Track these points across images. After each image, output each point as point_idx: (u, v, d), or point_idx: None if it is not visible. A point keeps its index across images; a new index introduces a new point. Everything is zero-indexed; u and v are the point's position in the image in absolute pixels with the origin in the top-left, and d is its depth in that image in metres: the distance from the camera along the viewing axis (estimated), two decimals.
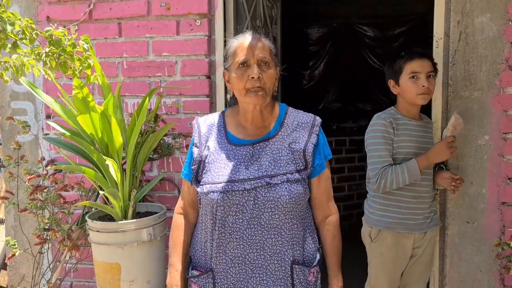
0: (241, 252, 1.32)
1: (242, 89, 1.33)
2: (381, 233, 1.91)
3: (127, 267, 1.87)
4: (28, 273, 2.44)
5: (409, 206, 1.88)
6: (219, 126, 1.42)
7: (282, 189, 1.30)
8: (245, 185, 1.30)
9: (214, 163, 1.35)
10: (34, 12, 2.40)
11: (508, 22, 1.95)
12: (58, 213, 2.20)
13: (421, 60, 1.84)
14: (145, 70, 2.30)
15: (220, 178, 1.32)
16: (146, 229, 1.90)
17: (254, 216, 1.30)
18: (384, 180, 1.81)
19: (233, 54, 1.36)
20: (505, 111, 1.98)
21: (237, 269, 1.33)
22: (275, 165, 1.33)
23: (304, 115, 1.44)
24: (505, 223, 2.01)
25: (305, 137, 1.38)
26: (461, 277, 2.08)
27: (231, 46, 1.37)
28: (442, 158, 1.86)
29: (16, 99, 2.45)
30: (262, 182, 1.30)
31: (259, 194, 1.30)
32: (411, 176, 1.79)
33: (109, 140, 1.89)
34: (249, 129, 1.40)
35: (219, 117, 1.45)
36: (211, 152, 1.37)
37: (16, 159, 2.24)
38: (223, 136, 1.39)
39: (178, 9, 2.24)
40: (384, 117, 1.88)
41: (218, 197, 1.30)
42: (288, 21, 4.67)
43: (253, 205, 1.30)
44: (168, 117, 2.28)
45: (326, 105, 6.28)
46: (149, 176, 2.31)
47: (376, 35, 5.99)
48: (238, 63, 1.33)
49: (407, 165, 1.80)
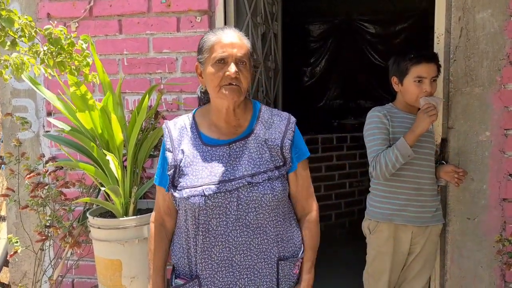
0: (227, 255, 1.29)
1: (216, 86, 1.28)
2: (379, 226, 1.93)
3: (128, 263, 1.88)
4: (29, 270, 2.45)
5: (409, 198, 1.88)
6: (191, 128, 1.36)
7: (265, 187, 1.28)
8: (227, 187, 1.26)
9: (190, 166, 1.30)
10: (34, 9, 2.40)
11: (509, 18, 1.94)
12: (59, 210, 2.21)
13: (428, 65, 1.84)
14: (145, 67, 2.30)
15: (199, 181, 1.28)
16: (147, 226, 1.90)
17: (239, 217, 1.27)
18: (379, 165, 1.82)
19: (210, 49, 1.29)
20: (506, 107, 1.98)
21: (224, 273, 1.29)
22: (254, 163, 1.30)
23: (279, 112, 1.41)
24: (506, 219, 2.01)
25: (281, 134, 1.35)
26: (462, 273, 2.09)
27: (209, 40, 1.30)
28: (425, 126, 1.80)
29: (17, 96, 2.45)
30: (243, 182, 1.27)
31: (242, 194, 1.27)
32: (402, 152, 1.78)
33: (109, 137, 1.90)
34: (223, 128, 1.35)
35: (189, 118, 1.39)
36: (186, 155, 1.32)
37: (16, 156, 2.24)
38: (196, 138, 1.34)
39: (178, 6, 2.24)
40: (379, 109, 1.94)
41: (199, 201, 1.26)
42: (289, 17, 4.67)
43: (236, 206, 1.27)
44: (169, 114, 2.28)
45: (327, 102, 6.28)
46: (150, 173, 2.31)
47: (378, 32, 5.98)
48: (216, 59, 1.27)
49: (396, 143, 1.81)
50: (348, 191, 4.22)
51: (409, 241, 1.93)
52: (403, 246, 1.94)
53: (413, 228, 1.91)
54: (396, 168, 1.81)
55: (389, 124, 1.88)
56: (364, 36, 6.01)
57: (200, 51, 1.34)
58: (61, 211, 2.22)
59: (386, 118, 1.89)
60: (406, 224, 1.90)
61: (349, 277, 2.67)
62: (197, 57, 1.36)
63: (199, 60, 1.35)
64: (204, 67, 1.32)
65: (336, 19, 6.04)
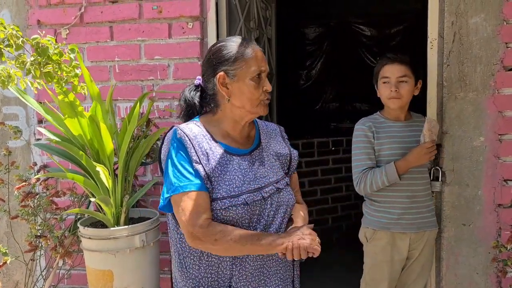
0: (260, 263, 1.29)
1: (256, 99, 1.30)
2: (376, 234, 1.93)
3: (119, 274, 1.86)
4: (21, 280, 2.42)
5: (404, 206, 1.89)
6: (205, 137, 1.31)
7: (287, 192, 1.36)
8: (262, 193, 1.29)
9: (220, 176, 1.26)
10: (24, 16, 2.37)
11: (503, 22, 1.93)
12: (50, 219, 2.18)
13: (391, 66, 1.89)
14: (137, 73, 2.28)
15: (235, 190, 1.25)
16: (139, 235, 1.88)
17: (269, 222, 1.30)
18: (363, 184, 1.89)
19: (246, 62, 1.28)
20: (500, 112, 1.97)
21: (256, 282, 1.30)
22: (272, 171, 1.35)
23: (269, 124, 1.49)
24: (501, 225, 2.00)
25: (283, 143, 1.44)
26: (457, 279, 2.07)
27: (244, 52, 1.29)
28: (421, 162, 1.87)
29: (8, 104, 2.43)
30: (273, 188, 1.32)
31: (273, 200, 1.31)
32: (390, 178, 1.84)
33: (99, 145, 1.87)
34: (238, 138, 1.36)
35: (199, 127, 1.32)
36: (214, 165, 1.27)
37: (6, 165, 2.21)
38: (217, 147, 1.30)
39: (170, 12, 2.22)
40: (363, 122, 1.97)
41: (242, 211, 1.24)
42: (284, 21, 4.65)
43: (268, 211, 1.30)
44: (161, 121, 2.25)
45: (323, 105, 6.26)
46: (142, 180, 2.29)
47: (373, 34, 5.98)
48: (255, 73, 1.29)
49: (386, 168, 1.86)
50: (345, 194, 4.20)
51: (407, 248, 1.92)
52: (401, 253, 1.92)
53: (411, 234, 1.90)
54: (379, 188, 1.87)
55: (373, 136, 1.91)
56: (360, 39, 6.00)
57: (228, 62, 1.29)
58: (52, 220, 2.19)
59: (371, 130, 1.92)
60: (404, 232, 1.89)
61: (346, 281, 2.66)
62: (221, 67, 1.29)
63: (226, 71, 1.29)
64: (237, 79, 1.28)
65: (332, 22, 6.03)
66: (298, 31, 6.07)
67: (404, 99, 1.89)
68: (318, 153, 4.04)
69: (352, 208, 4.21)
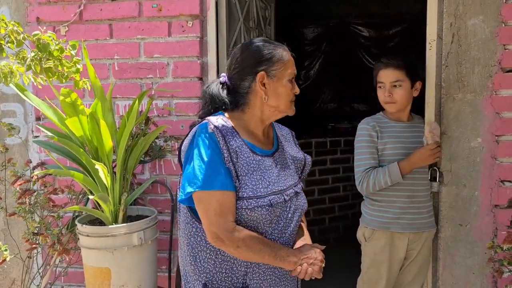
0: None
1: (289, 101, 1.36)
2: (375, 233, 1.93)
3: (117, 271, 1.85)
4: (18, 277, 2.42)
5: (404, 206, 1.90)
6: (232, 134, 1.28)
7: (303, 197, 1.38)
8: (284, 196, 1.30)
9: (248, 175, 1.26)
10: (23, 13, 2.37)
11: (501, 24, 1.94)
12: (47, 217, 2.18)
13: (385, 70, 1.92)
14: (136, 71, 2.28)
15: (261, 191, 1.26)
16: (137, 233, 1.88)
17: (286, 225, 1.31)
18: (366, 183, 1.89)
19: (284, 64, 1.33)
20: (497, 114, 1.98)
21: (268, 281, 1.31)
22: (291, 174, 1.37)
23: (283, 127, 1.51)
24: (497, 226, 2.01)
25: (296, 148, 1.47)
26: (454, 279, 2.08)
27: (283, 54, 1.34)
28: (425, 163, 1.91)
29: (6, 101, 2.42)
30: (292, 191, 1.33)
31: (292, 203, 1.33)
32: (393, 178, 1.86)
33: (98, 143, 1.87)
34: (261, 138, 1.36)
35: (226, 123, 1.30)
36: (241, 163, 1.26)
37: (3, 162, 2.20)
38: (243, 145, 1.28)
39: (169, 10, 2.22)
40: (367, 121, 1.97)
41: (266, 212, 1.25)
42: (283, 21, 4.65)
43: (286, 214, 1.31)
44: (159, 120, 2.25)
45: (321, 105, 6.27)
46: (141, 179, 2.29)
47: (372, 35, 5.98)
48: (292, 75, 1.36)
49: (389, 168, 1.86)
50: (342, 195, 4.21)
51: (405, 248, 1.93)
52: (399, 253, 1.93)
53: (410, 234, 1.92)
54: (382, 188, 1.88)
55: (377, 136, 1.92)
56: (358, 40, 6.00)
57: (269, 62, 1.31)
58: (49, 217, 2.19)
59: (375, 130, 1.92)
60: (402, 232, 1.90)
61: (343, 281, 2.66)
62: (261, 66, 1.31)
63: (266, 71, 1.31)
64: (276, 79, 1.32)
65: (331, 22, 6.03)
66: (297, 31, 6.07)
67: (398, 103, 1.91)
68: (315, 153, 4.05)
69: (349, 208, 4.22)
